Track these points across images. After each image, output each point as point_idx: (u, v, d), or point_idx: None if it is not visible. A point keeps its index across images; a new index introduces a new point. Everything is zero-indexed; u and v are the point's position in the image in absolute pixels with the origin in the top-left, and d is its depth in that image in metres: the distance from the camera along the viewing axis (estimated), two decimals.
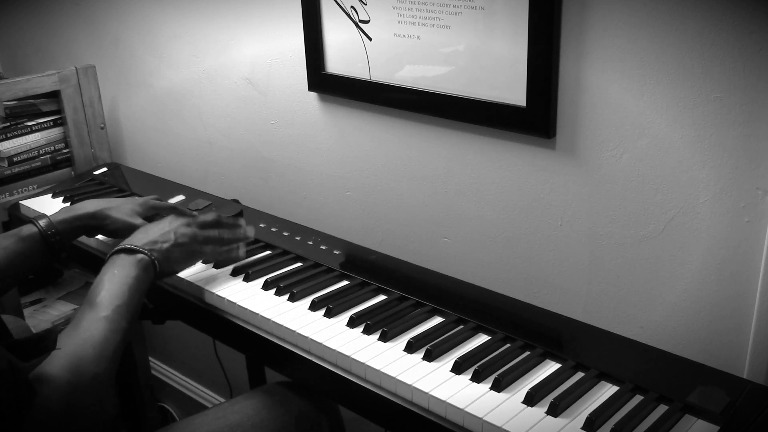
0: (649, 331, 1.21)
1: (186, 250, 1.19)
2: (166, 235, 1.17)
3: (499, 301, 1.19)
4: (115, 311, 1.02)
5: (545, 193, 1.27)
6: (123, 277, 1.08)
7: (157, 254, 1.13)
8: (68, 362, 0.94)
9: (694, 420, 0.91)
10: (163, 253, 1.15)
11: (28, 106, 1.86)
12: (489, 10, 1.22)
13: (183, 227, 1.20)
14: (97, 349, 0.97)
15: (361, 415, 1.06)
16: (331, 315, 1.13)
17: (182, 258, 1.18)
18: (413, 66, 1.36)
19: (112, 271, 1.09)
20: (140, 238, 1.16)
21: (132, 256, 1.12)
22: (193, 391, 2.28)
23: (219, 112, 1.81)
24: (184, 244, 1.18)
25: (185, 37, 1.81)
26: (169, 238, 1.17)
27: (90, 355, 0.96)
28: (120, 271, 1.09)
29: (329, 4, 1.44)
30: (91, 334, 0.99)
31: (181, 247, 1.18)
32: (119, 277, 1.08)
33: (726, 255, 1.10)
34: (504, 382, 0.96)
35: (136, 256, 1.12)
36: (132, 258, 1.11)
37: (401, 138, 1.45)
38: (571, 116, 1.20)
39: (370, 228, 1.57)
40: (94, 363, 0.96)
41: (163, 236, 1.17)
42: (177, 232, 1.19)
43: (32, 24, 2.29)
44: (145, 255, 1.12)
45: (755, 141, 1.03)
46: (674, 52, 1.06)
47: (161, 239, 1.16)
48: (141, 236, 1.17)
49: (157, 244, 1.15)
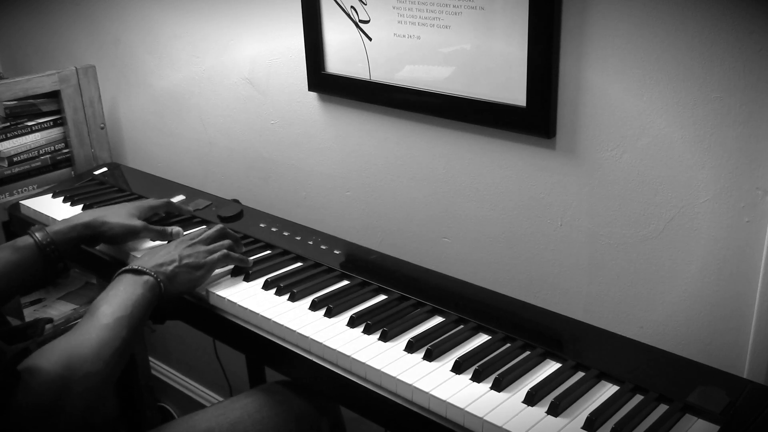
0: (649, 331, 1.21)
1: (191, 271, 1.20)
2: (171, 258, 1.18)
3: (499, 301, 1.19)
4: (116, 321, 1.04)
5: (545, 193, 1.27)
6: (128, 293, 1.09)
7: (162, 276, 1.15)
8: (61, 357, 0.95)
9: (694, 420, 0.91)
10: (167, 275, 1.16)
11: (28, 106, 1.86)
12: (489, 10, 1.22)
13: (187, 248, 1.22)
14: (93, 350, 0.98)
15: (362, 414, 1.06)
16: (332, 315, 1.13)
17: (187, 279, 1.19)
18: (413, 66, 1.37)
19: (116, 288, 1.10)
20: (147, 260, 1.17)
21: (138, 276, 1.13)
22: (193, 391, 2.28)
23: (219, 112, 1.81)
24: (188, 264, 1.19)
25: (185, 37, 1.81)
26: (174, 259, 1.18)
27: (85, 353, 0.97)
28: (125, 289, 1.10)
29: (329, 4, 1.44)
30: (89, 336, 1.00)
31: (186, 268, 1.19)
32: (124, 293, 1.09)
33: (726, 255, 1.10)
34: (504, 381, 0.96)
35: (143, 277, 1.13)
36: (138, 278, 1.13)
37: (401, 138, 1.45)
38: (571, 116, 1.20)
39: (370, 228, 1.57)
40: (89, 362, 0.96)
41: (169, 259, 1.18)
42: (182, 253, 1.20)
43: (32, 24, 2.29)
44: (151, 276, 1.13)
45: (755, 141, 1.03)
46: (674, 52, 1.06)
47: (167, 261, 1.18)
48: (147, 258, 1.18)
49: (162, 267, 1.16)
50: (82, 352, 0.97)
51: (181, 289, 1.19)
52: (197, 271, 1.20)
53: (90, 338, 0.99)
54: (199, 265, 1.20)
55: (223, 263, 1.25)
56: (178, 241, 1.25)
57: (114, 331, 1.02)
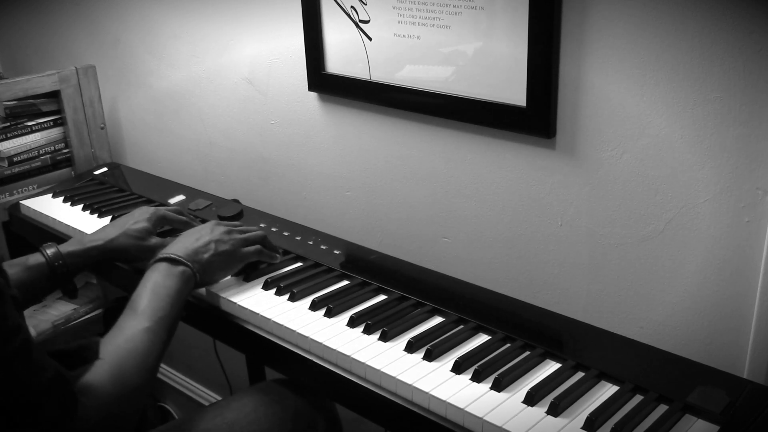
0: (649, 331, 1.21)
1: (225, 260, 1.20)
2: (207, 246, 1.18)
3: (499, 301, 1.19)
4: (157, 323, 1.03)
5: (545, 193, 1.27)
6: (166, 288, 1.09)
7: (198, 266, 1.15)
8: (111, 374, 0.94)
9: (694, 420, 0.91)
10: (203, 264, 1.16)
11: (28, 106, 1.86)
12: (489, 10, 1.22)
13: (224, 235, 1.21)
14: (139, 361, 0.98)
15: (361, 414, 1.06)
16: (332, 315, 1.13)
17: (221, 268, 1.19)
18: (413, 66, 1.36)
19: (155, 280, 1.10)
20: (181, 248, 1.16)
21: (175, 267, 1.13)
22: (193, 391, 2.28)
23: (219, 112, 1.81)
24: (224, 251, 1.19)
25: (185, 37, 1.81)
26: (210, 249, 1.18)
27: (133, 366, 0.97)
28: (163, 282, 1.10)
29: (329, 4, 1.44)
30: (135, 345, 0.99)
31: (221, 256, 1.19)
32: (163, 288, 1.09)
33: (726, 255, 1.10)
34: (504, 381, 0.96)
35: (179, 268, 1.13)
36: (175, 269, 1.12)
37: (401, 138, 1.45)
38: (571, 116, 1.20)
39: (370, 228, 1.57)
40: (137, 375, 0.96)
41: (204, 246, 1.18)
42: (218, 240, 1.20)
43: (32, 24, 2.29)
44: (187, 267, 1.13)
45: (755, 141, 1.03)
46: (674, 52, 1.06)
47: (202, 250, 1.17)
48: (182, 246, 1.17)
49: (198, 255, 1.16)
50: (131, 365, 0.96)
51: (215, 278, 1.20)
52: (231, 259, 1.20)
53: (136, 347, 0.99)
54: (234, 255, 1.20)
55: (255, 257, 1.24)
56: (212, 225, 1.24)
57: (156, 335, 1.02)
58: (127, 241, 1.27)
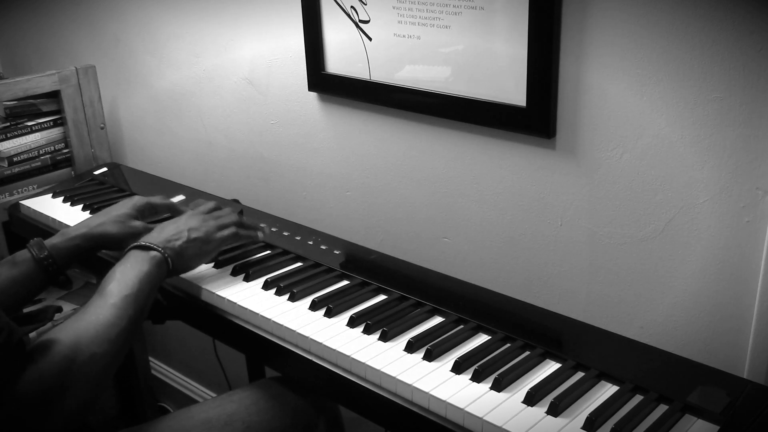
0: (649, 331, 1.21)
1: (200, 246, 1.20)
2: (180, 233, 1.19)
3: (499, 301, 1.19)
4: (123, 300, 1.04)
5: (545, 193, 1.27)
6: (135, 271, 1.10)
7: (170, 252, 1.15)
8: (68, 337, 0.95)
9: (694, 420, 0.91)
10: (176, 250, 1.16)
11: (28, 106, 1.86)
12: (489, 10, 1.22)
13: (196, 222, 1.22)
14: (100, 331, 0.99)
15: (361, 414, 1.06)
16: (332, 315, 1.13)
17: (196, 254, 1.20)
18: (413, 66, 1.36)
19: (124, 265, 1.11)
20: (155, 236, 1.18)
21: (145, 252, 1.13)
22: (193, 391, 2.29)
23: (219, 112, 1.81)
24: (197, 239, 1.20)
25: (185, 37, 1.81)
26: (182, 236, 1.19)
27: (91, 334, 0.97)
28: (132, 266, 1.10)
29: (329, 4, 1.44)
30: (96, 317, 1.00)
31: (194, 243, 1.19)
32: (131, 270, 1.09)
33: (726, 255, 1.10)
34: (504, 381, 0.96)
35: (150, 253, 1.13)
36: (145, 254, 1.13)
37: (401, 138, 1.45)
38: (571, 116, 1.20)
39: (370, 228, 1.57)
40: (95, 343, 0.97)
41: (177, 234, 1.19)
42: (191, 228, 1.20)
43: (32, 24, 2.29)
44: (158, 252, 1.14)
45: (755, 141, 1.03)
46: (674, 52, 1.06)
47: (175, 237, 1.18)
48: (156, 234, 1.19)
49: (170, 242, 1.17)
50: (89, 333, 0.97)
51: (191, 264, 1.20)
52: (206, 246, 1.20)
53: (97, 318, 1.00)
54: (208, 240, 1.21)
55: (232, 241, 1.25)
56: (188, 215, 1.25)
57: (121, 310, 1.03)
58: (111, 227, 1.28)
